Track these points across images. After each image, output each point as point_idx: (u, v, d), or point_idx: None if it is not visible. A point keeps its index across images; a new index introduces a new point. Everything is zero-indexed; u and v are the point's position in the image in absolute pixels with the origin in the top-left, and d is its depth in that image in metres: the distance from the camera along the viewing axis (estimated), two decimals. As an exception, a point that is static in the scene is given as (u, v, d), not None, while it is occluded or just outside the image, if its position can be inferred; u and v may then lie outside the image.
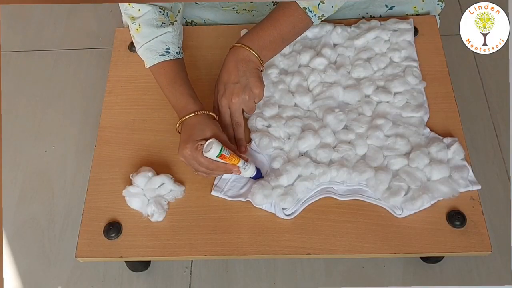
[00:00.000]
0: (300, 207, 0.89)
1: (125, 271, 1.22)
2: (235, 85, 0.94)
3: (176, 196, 0.92)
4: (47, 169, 1.40)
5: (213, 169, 0.89)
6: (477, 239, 0.85)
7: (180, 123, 0.93)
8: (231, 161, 0.87)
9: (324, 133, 0.94)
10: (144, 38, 0.97)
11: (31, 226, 1.31)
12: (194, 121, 0.91)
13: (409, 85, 1.00)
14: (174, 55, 0.98)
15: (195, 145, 0.87)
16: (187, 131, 0.90)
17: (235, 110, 0.95)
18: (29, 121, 1.50)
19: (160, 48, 0.97)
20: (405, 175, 0.89)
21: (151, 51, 0.97)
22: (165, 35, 0.97)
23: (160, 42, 0.97)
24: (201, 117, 0.92)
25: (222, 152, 0.85)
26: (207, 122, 0.91)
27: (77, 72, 1.59)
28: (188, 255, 0.89)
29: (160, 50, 0.97)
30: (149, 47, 0.97)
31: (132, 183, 0.92)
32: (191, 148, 0.87)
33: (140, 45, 0.98)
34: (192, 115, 0.92)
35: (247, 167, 0.89)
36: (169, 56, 0.97)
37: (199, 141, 0.87)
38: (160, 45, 0.97)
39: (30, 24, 1.72)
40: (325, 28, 1.08)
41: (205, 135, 0.88)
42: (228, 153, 0.86)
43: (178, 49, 0.99)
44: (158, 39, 0.97)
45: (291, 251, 0.87)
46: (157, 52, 0.97)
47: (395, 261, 1.19)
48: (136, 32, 0.98)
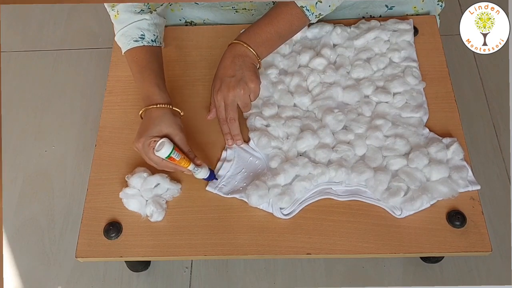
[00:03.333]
0: (298, 207, 0.89)
1: (125, 271, 1.22)
2: (231, 78, 0.94)
3: (174, 195, 0.92)
4: (47, 169, 1.40)
5: (162, 167, 0.90)
6: (477, 239, 0.85)
7: (144, 110, 0.93)
8: (180, 164, 0.88)
9: (323, 133, 0.94)
10: (121, 23, 0.98)
11: (31, 226, 1.31)
12: (154, 114, 0.91)
13: (408, 86, 1.00)
14: (148, 41, 0.98)
15: (148, 141, 0.88)
16: (145, 123, 0.91)
17: (228, 104, 0.95)
18: (29, 121, 1.50)
19: (135, 33, 0.97)
20: (405, 175, 0.89)
21: (126, 37, 0.98)
22: (141, 22, 0.98)
23: (135, 28, 0.97)
24: (163, 111, 0.91)
25: (172, 155, 0.87)
26: (167, 118, 0.90)
27: (77, 72, 1.59)
28: (188, 255, 0.89)
29: (135, 36, 0.97)
30: (125, 32, 0.98)
31: (128, 184, 0.92)
32: (144, 143, 0.88)
33: (117, 31, 0.99)
34: (154, 106, 0.91)
35: (198, 171, 0.90)
36: (143, 42, 0.97)
37: (153, 138, 0.88)
38: (135, 31, 0.97)
39: (30, 24, 1.73)
40: (324, 28, 1.08)
41: (161, 131, 0.89)
42: (178, 157, 0.87)
43: (153, 37, 0.99)
44: (133, 25, 0.97)
45: (291, 251, 0.87)
46: (132, 37, 0.97)
47: (395, 261, 1.19)
48: (114, 19, 0.99)
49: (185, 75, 1.08)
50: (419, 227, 0.87)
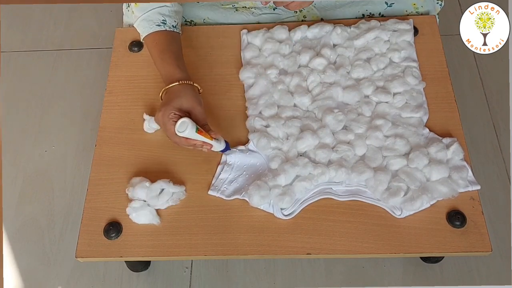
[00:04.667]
0: (298, 207, 0.89)
1: (125, 271, 1.22)
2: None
3: (180, 197, 0.92)
4: (47, 169, 1.40)
5: (178, 143, 0.90)
6: (477, 239, 0.85)
7: (164, 91, 0.95)
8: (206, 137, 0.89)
9: (323, 134, 0.94)
10: (142, 10, 1.00)
11: (31, 226, 1.31)
12: (175, 89, 0.93)
13: (408, 86, 1.00)
14: (170, 26, 1.00)
15: (168, 112, 0.89)
16: (167, 97, 0.92)
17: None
18: (29, 121, 1.50)
19: (157, 18, 1.00)
20: (405, 175, 0.89)
21: (147, 21, 1.00)
22: (162, 8, 1.00)
23: (157, 13, 1.00)
24: (183, 87, 0.93)
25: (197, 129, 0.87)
26: (187, 93, 0.92)
27: (77, 72, 1.59)
28: (188, 255, 0.89)
29: (157, 21, 1.00)
30: (146, 17, 1.00)
31: (132, 197, 0.91)
32: (164, 112, 0.89)
33: (137, 18, 1.01)
34: (176, 84, 0.93)
35: (216, 143, 0.90)
36: (165, 27, 1.00)
37: (173, 109, 0.89)
38: (157, 16, 1.00)
39: (30, 24, 1.73)
40: (324, 28, 1.08)
41: (181, 104, 0.90)
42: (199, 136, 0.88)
43: (174, 23, 1.01)
44: (155, 10, 1.00)
45: (291, 251, 0.87)
46: (154, 22, 1.00)
47: (395, 261, 1.19)
48: (135, 7, 1.01)
49: (185, 75, 1.08)
50: (419, 227, 0.87)
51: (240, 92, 1.05)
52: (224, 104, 1.03)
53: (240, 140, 0.98)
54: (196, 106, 0.91)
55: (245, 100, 1.03)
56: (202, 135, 0.88)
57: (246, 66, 1.06)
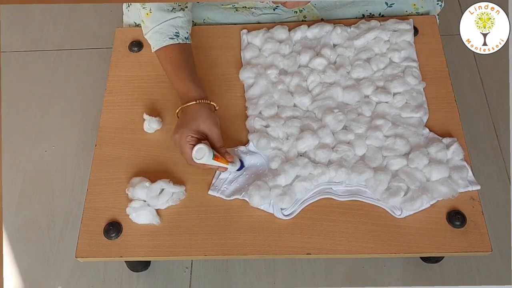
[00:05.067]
0: (298, 207, 0.89)
1: (125, 271, 1.22)
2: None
3: (180, 198, 0.92)
4: (47, 169, 1.40)
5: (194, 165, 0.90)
6: (477, 239, 0.85)
7: (180, 109, 0.94)
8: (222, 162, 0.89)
9: (323, 134, 0.94)
10: (154, 22, 0.99)
11: (31, 226, 1.31)
12: (192, 109, 0.92)
13: (408, 86, 1.00)
14: (183, 39, 0.99)
15: (185, 134, 0.89)
16: (184, 117, 0.92)
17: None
18: (29, 121, 1.50)
19: (170, 31, 0.99)
20: (405, 175, 0.89)
21: (160, 34, 0.98)
22: (175, 20, 0.99)
23: (170, 25, 0.98)
24: (201, 107, 0.93)
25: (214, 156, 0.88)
26: (204, 114, 0.92)
27: (77, 72, 1.59)
28: (188, 255, 0.89)
29: (170, 34, 0.98)
30: (159, 30, 0.99)
31: (132, 197, 0.91)
32: (182, 134, 0.89)
33: (149, 29, 1.00)
34: (193, 103, 0.93)
35: (233, 164, 0.91)
36: (178, 39, 0.99)
37: (191, 132, 0.89)
38: (170, 29, 0.99)
39: (30, 24, 1.72)
40: (324, 28, 1.08)
41: (199, 126, 0.90)
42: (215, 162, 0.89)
43: (187, 34, 1.01)
44: (168, 23, 0.98)
45: (291, 251, 0.87)
46: (167, 35, 0.98)
47: (395, 261, 1.19)
48: (146, 17, 0.99)
49: (185, 75, 1.08)
50: (419, 227, 0.87)
51: (240, 92, 1.05)
52: (224, 104, 1.03)
53: (240, 140, 0.98)
54: (213, 128, 0.91)
55: (245, 100, 1.03)
56: (218, 160, 0.88)
57: (246, 66, 1.06)
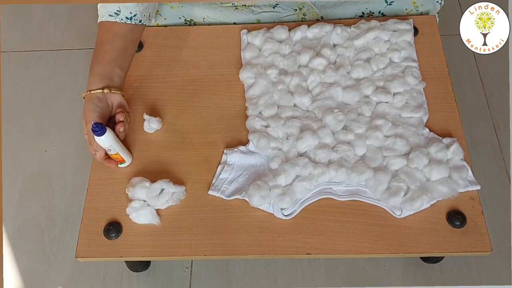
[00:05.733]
0: (298, 207, 0.89)
1: (125, 271, 1.22)
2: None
3: (180, 197, 0.92)
4: (47, 169, 1.40)
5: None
6: (477, 239, 0.85)
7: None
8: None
9: (323, 134, 0.94)
10: None
11: (31, 226, 1.31)
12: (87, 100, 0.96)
13: (408, 86, 1.00)
14: (122, 18, 0.97)
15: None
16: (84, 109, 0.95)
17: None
18: (29, 121, 1.50)
19: (112, 7, 0.96)
20: (405, 175, 0.89)
21: (104, 8, 0.97)
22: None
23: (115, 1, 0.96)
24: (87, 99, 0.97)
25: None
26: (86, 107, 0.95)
27: (77, 72, 1.59)
28: (188, 255, 0.89)
29: (111, 10, 0.97)
30: (105, 4, 0.97)
31: (132, 197, 0.91)
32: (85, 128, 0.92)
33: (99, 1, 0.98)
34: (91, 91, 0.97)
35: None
36: (115, 18, 0.96)
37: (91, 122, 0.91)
38: (113, 6, 0.96)
39: (30, 24, 1.73)
40: (324, 28, 1.08)
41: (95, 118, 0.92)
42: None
43: (130, 15, 0.97)
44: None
45: (291, 251, 0.87)
46: (108, 11, 0.97)
47: (395, 261, 1.19)
48: None
49: (185, 75, 1.08)
50: (419, 227, 0.87)
51: (240, 92, 1.05)
52: (224, 104, 1.03)
53: (240, 141, 0.98)
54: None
55: (245, 100, 1.03)
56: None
57: (246, 66, 1.06)
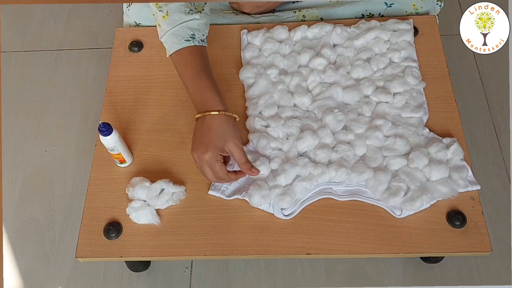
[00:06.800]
0: (298, 207, 0.89)
1: (125, 271, 1.22)
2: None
3: (180, 197, 0.92)
4: (47, 169, 1.40)
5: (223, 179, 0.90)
6: (477, 239, 0.85)
7: (202, 117, 0.90)
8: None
9: (323, 134, 0.94)
10: (170, 24, 0.95)
11: (31, 226, 1.31)
12: (217, 122, 0.89)
13: (408, 86, 1.00)
14: (199, 41, 0.96)
15: (215, 154, 0.87)
16: (210, 133, 0.89)
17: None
18: (29, 121, 1.50)
19: (186, 33, 0.95)
20: (404, 175, 0.89)
21: (176, 36, 0.95)
22: (191, 22, 0.96)
23: (186, 27, 0.95)
24: (225, 119, 0.90)
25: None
26: (231, 130, 0.89)
27: (77, 72, 1.59)
28: (188, 255, 0.89)
29: (186, 36, 0.95)
30: (175, 32, 0.95)
31: (132, 197, 0.91)
32: (211, 156, 0.87)
33: (165, 32, 0.96)
34: (217, 113, 0.90)
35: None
36: (194, 42, 0.95)
37: (220, 152, 0.87)
38: (186, 31, 0.95)
39: (30, 24, 1.73)
40: (324, 28, 1.08)
41: (226, 144, 0.88)
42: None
43: (203, 37, 0.97)
44: (184, 25, 0.95)
45: (291, 251, 0.87)
46: (183, 37, 0.95)
47: (395, 261, 1.19)
48: (162, 20, 0.96)
49: (185, 75, 1.08)
50: (419, 227, 0.87)
51: (240, 92, 1.05)
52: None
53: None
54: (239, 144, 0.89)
55: (245, 100, 1.03)
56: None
57: (246, 66, 1.06)
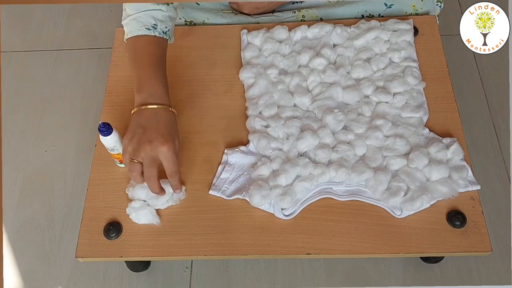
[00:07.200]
0: (299, 207, 0.89)
1: (125, 271, 1.22)
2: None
3: (180, 198, 0.92)
4: (47, 169, 1.40)
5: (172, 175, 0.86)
6: (477, 239, 0.85)
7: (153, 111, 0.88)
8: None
9: (323, 134, 0.94)
10: (134, 9, 0.94)
11: (31, 226, 1.31)
12: (169, 118, 0.88)
13: (408, 86, 1.00)
14: (160, 32, 0.95)
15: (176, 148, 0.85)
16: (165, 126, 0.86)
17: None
18: (29, 121, 1.50)
19: (148, 22, 0.94)
20: (404, 175, 0.89)
21: (138, 22, 0.94)
22: (156, 11, 0.95)
23: (150, 16, 0.94)
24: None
25: None
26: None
27: (77, 72, 1.59)
28: (188, 255, 0.89)
29: (148, 24, 0.94)
30: (137, 17, 0.94)
31: (132, 197, 0.91)
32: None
33: (127, 16, 0.95)
34: (170, 109, 0.89)
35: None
36: (154, 32, 0.94)
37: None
38: (149, 19, 0.94)
39: (30, 24, 1.73)
40: (324, 28, 1.08)
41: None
42: None
43: (165, 29, 0.96)
44: (148, 13, 0.94)
45: (291, 251, 0.87)
46: (144, 24, 0.94)
47: (395, 261, 1.19)
48: (128, 4, 0.95)
49: (185, 75, 1.08)
50: (419, 227, 0.87)
51: (240, 92, 1.05)
52: (224, 104, 1.03)
53: (240, 141, 0.98)
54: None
55: (245, 100, 1.03)
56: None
57: (246, 66, 1.06)
